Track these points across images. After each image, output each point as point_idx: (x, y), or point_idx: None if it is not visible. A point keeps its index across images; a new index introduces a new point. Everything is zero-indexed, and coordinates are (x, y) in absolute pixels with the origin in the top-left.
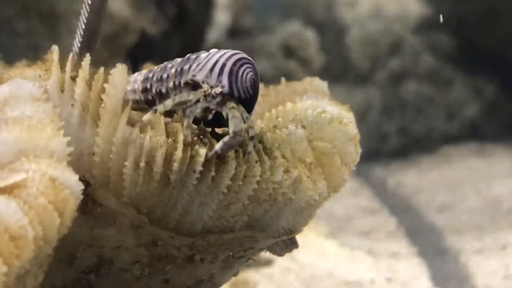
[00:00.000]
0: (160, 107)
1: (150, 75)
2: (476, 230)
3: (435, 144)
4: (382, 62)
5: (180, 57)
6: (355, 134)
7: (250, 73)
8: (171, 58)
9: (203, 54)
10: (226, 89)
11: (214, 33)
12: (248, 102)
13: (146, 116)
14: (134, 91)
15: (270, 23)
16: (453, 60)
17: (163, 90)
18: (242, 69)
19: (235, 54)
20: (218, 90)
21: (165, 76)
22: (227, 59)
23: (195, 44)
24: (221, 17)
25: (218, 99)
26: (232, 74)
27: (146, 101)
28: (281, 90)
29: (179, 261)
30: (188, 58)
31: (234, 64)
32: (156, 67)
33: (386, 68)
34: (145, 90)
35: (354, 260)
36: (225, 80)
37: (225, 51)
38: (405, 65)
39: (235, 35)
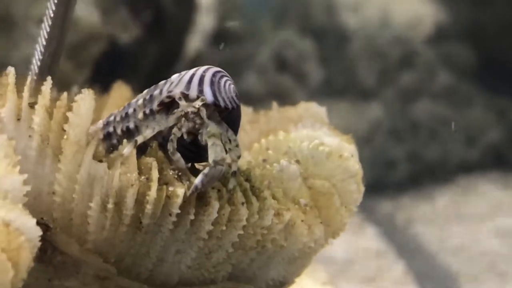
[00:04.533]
0: (140, 138)
1: (111, 118)
2: (497, 277)
3: (452, 173)
4: (391, 76)
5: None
6: (357, 170)
7: (232, 86)
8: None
9: (174, 75)
10: (210, 98)
11: (196, 39)
12: (235, 114)
13: (124, 148)
14: None
15: (261, 30)
16: (473, 76)
17: (131, 126)
18: (222, 80)
19: (211, 67)
20: (197, 104)
21: (130, 111)
22: (204, 71)
23: (174, 52)
24: (204, 21)
25: (203, 113)
26: (214, 84)
27: (111, 146)
28: (273, 116)
29: None
30: (156, 85)
31: (213, 75)
32: (116, 111)
33: (396, 83)
34: (107, 136)
35: None
36: (207, 89)
37: (199, 67)
38: (418, 81)
39: (220, 41)
